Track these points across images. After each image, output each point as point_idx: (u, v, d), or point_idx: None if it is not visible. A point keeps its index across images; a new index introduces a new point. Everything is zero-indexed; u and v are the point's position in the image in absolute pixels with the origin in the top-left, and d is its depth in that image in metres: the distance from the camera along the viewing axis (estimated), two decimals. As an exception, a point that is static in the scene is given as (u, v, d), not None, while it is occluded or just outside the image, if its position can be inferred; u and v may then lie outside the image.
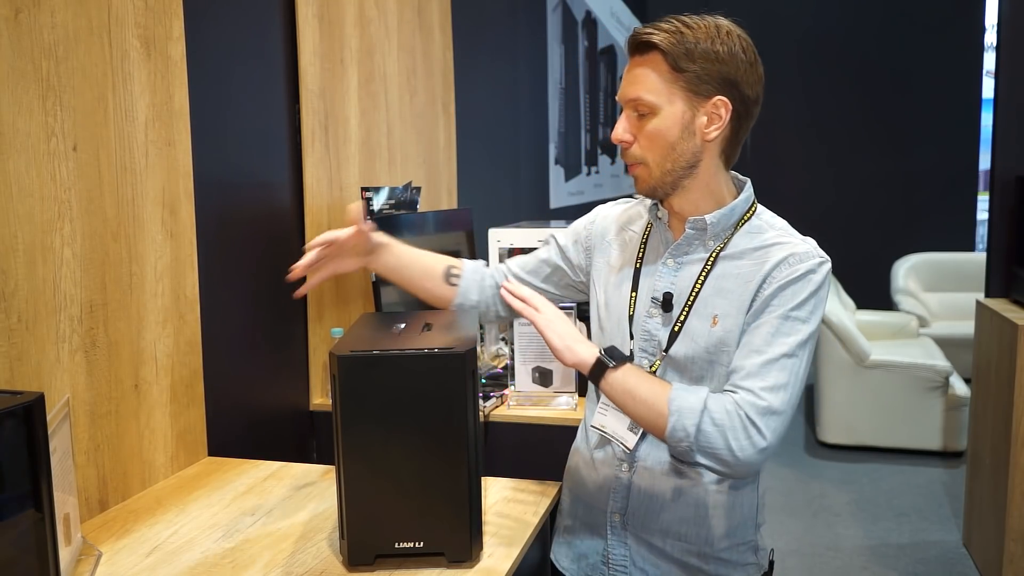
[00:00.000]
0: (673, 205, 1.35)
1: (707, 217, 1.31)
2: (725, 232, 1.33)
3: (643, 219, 1.44)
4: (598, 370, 1.24)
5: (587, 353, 1.25)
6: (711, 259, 1.32)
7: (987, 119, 6.56)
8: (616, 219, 1.49)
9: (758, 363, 1.23)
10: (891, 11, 6.79)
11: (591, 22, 5.53)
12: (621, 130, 1.30)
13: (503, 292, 1.32)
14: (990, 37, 6.60)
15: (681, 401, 1.21)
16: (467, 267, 1.54)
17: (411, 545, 1.19)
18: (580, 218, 1.55)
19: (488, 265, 1.59)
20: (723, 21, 1.27)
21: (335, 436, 1.17)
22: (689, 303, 1.32)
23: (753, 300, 1.28)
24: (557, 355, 1.26)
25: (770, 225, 1.34)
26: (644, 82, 1.26)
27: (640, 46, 1.27)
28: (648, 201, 1.39)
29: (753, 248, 1.31)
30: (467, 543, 1.20)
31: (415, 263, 1.52)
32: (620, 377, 1.24)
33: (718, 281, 1.31)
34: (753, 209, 1.35)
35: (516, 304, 1.30)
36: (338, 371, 1.15)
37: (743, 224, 1.33)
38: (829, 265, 1.29)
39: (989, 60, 6.62)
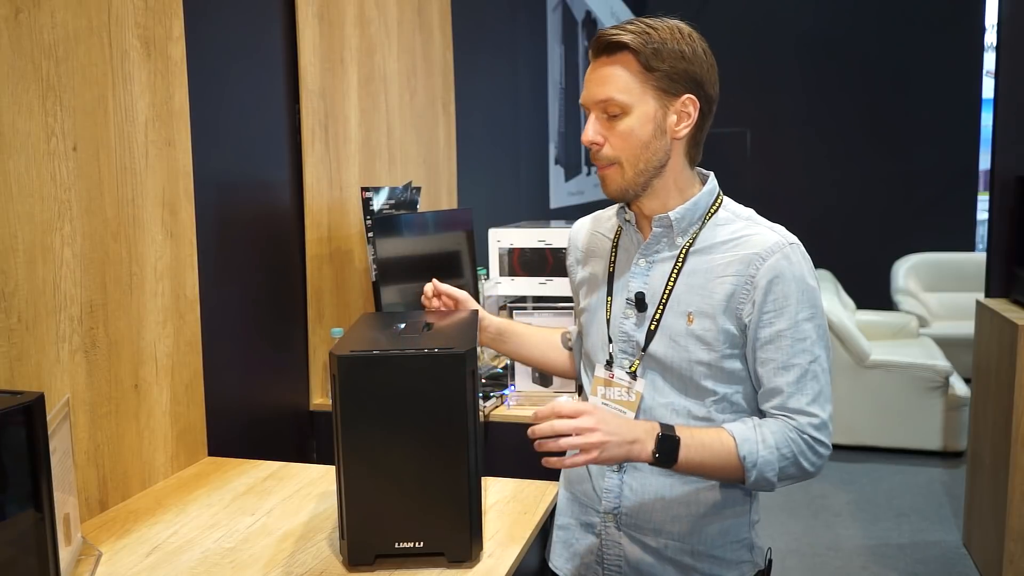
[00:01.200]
0: (643, 207, 1.36)
1: (671, 213, 1.32)
2: (692, 227, 1.34)
3: (612, 222, 1.46)
4: (663, 463, 1.23)
5: (645, 455, 1.22)
6: (681, 255, 1.33)
7: (987, 119, 6.55)
8: (586, 231, 1.52)
9: (793, 380, 1.27)
10: (891, 11, 6.79)
11: (591, 22, 5.53)
12: (592, 132, 1.30)
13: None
14: (990, 37, 6.60)
15: (755, 457, 1.25)
16: (573, 332, 1.61)
17: (411, 545, 1.19)
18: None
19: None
20: (681, 23, 1.30)
21: (335, 436, 1.17)
22: (663, 301, 1.33)
23: (734, 300, 1.28)
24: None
25: (736, 215, 1.36)
26: (615, 82, 1.27)
27: (609, 46, 1.27)
28: (615, 206, 1.41)
29: (722, 241, 1.32)
30: (467, 543, 1.20)
31: (537, 343, 1.61)
32: (684, 463, 1.23)
33: (690, 278, 1.32)
34: (719, 201, 1.37)
35: (564, 462, 1.17)
36: (338, 371, 1.15)
37: (710, 217, 1.35)
38: (800, 247, 1.31)
39: (989, 60, 6.62)
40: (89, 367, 1.42)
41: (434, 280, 1.54)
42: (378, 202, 2.28)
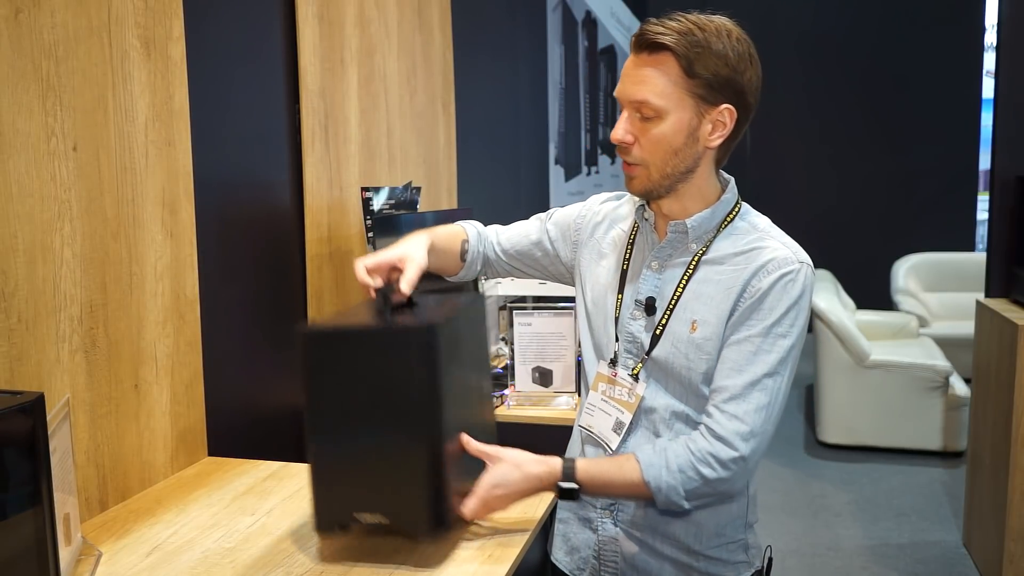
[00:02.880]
0: (662, 207, 1.34)
1: (687, 221, 1.31)
2: (707, 234, 1.32)
3: (631, 218, 1.43)
4: (567, 496, 1.29)
5: (548, 486, 1.30)
6: (693, 263, 1.32)
7: (987, 119, 6.56)
8: (607, 215, 1.48)
9: (740, 384, 1.24)
10: (891, 11, 6.80)
11: (591, 22, 5.53)
12: (622, 131, 1.27)
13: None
14: (990, 37, 6.60)
15: (658, 482, 1.24)
16: (472, 240, 1.55)
17: (375, 517, 1.19)
18: (571, 206, 1.53)
19: (479, 233, 1.57)
20: (729, 23, 1.24)
21: (304, 412, 1.18)
22: (670, 307, 1.32)
23: (733, 309, 1.27)
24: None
25: (753, 226, 1.34)
26: (653, 84, 1.22)
27: (652, 45, 1.22)
28: (636, 200, 1.39)
29: (735, 253, 1.30)
30: (427, 517, 1.18)
31: (446, 250, 1.50)
32: (588, 486, 1.28)
33: (699, 286, 1.31)
34: (737, 209, 1.35)
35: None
36: (304, 347, 1.16)
37: (726, 225, 1.33)
38: (809, 269, 1.28)
39: (989, 60, 6.62)
40: (89, 367, 1.42)
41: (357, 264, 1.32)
42: (378, 202, 2.28)
